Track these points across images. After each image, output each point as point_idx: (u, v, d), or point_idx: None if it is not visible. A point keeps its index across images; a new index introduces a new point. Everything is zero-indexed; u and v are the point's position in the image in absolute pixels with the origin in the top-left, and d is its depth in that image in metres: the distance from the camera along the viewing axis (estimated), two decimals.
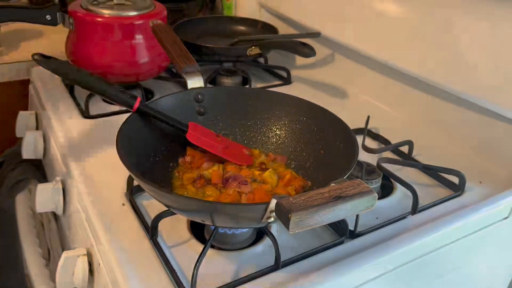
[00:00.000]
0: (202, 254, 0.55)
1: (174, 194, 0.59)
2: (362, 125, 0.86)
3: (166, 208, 0.60)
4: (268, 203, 0.46)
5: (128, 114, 0.64)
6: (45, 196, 0.76)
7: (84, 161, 0.74)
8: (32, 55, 0.63)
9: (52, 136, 0.85)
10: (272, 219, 0.48)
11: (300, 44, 0.96)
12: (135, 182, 0.67)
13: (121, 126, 0.61)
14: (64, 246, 0.85)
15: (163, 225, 0.61)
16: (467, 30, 0.80)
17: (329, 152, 0.66)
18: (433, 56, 0.84)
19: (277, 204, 0.45)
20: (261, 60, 1.19)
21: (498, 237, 0.75)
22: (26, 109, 1.08)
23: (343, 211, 0.45)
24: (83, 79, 0.64)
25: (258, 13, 1.32)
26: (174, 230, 0.63)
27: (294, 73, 1.11)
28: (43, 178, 0.95)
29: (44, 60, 0.63)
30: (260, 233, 0.63)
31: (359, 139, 0.75)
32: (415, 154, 0.81)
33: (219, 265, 0.58)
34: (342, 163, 0.59)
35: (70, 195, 0.73)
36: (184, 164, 0.68)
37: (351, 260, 0.58)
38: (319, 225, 0.45)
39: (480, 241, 0.71)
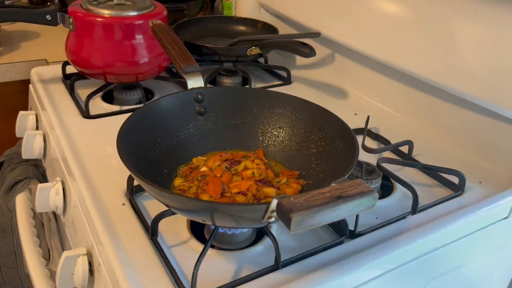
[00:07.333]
0: (202, 254, 0.55)
1: (174, 194, 0.59)
2: (362, 125, 0.86)
3: (166, 208, 0.60)
4: (269, 203, 0.46)
5: (128, 114, 0.64)
6: (45, 196, 0.76)
7: (84, 161, 0.74)
8: None
9: (52, 136, 0.85)
10: (273, 219, 0.48)
11: (300, 44, 0.96)
12: (135, 182, 0.67)
13: (121, 126, 0.61)
14: (64, 246, 0.85)
15: (163, 225, 0.61)
16: (467, 30, 0.80)
17: (329, 152, 0.66)
18: (433, 56, 0.84)
19: (278, 204, 0.44)
20: (261, 60, 1.19)
21: (498, 237, 0.75)
22: (26, 109, 1.08)
23: (344, 211, 0.45)
24: None
25: (258, 13, 1.32)
26: (174, 230, 0.63)
27: (294, 73, 1.11)
28: (43, 178, 0.95)
29: None
30: (260, 233, 0.63)
31: (359, 139, 0.75)
32: (415, 154, 0.81)
33: (219, 265, 0.58)
34: (342, 163, 0.59)
35: (70, 195, 0.73)
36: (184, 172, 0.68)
37: (351, 260, 0.58)
38: (320, 225, 0.45)
39: (480, 241, 0.71)
